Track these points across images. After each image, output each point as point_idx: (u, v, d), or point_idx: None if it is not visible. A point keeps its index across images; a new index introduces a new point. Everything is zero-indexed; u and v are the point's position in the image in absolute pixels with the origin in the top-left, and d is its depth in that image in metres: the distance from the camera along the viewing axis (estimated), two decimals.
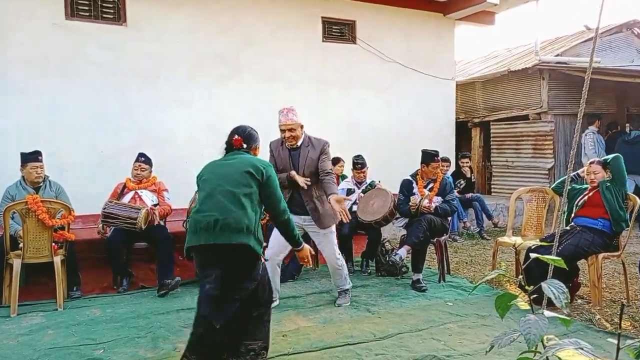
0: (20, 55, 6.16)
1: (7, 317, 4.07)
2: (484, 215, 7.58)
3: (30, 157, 4.66)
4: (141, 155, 5.19)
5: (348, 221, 4.00)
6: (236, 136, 3.05)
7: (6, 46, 6.11)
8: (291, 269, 5.19)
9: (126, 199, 4.97)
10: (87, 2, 6.47)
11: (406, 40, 8.56)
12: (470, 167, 8.12)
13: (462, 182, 7.77)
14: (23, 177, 4.68)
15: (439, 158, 5.15)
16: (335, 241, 4.25)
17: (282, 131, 4.09)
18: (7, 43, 6.11)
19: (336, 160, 6.79)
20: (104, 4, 6.56)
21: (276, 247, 4.07)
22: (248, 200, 2.77)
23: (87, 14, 6.49)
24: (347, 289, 4.42)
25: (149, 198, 5.04)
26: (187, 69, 7.05)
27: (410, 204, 4.98)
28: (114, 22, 6.63)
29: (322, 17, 7.91)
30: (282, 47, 7.63)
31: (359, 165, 5.75)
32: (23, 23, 6.18)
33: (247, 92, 7.43)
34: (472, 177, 8.15)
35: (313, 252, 4.03)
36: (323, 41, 7.95)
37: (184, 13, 6.99)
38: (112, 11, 6.62)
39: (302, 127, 4.13)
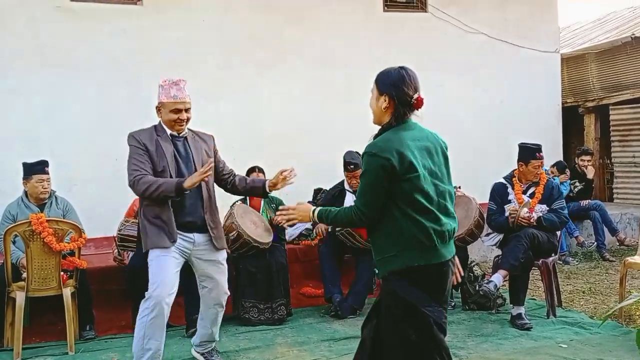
0: (17, 47, 6.52)
1: None
2: (605, 229, 7.28)
3: (36, 168, 4.86)
4: None
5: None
6: (417, 94, 2.67)
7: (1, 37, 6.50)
8: (352, 302, 5.17)
9: None
10: None
11: (494, 4, 8.42)
12: (592, 166, 7.81)
13: (578, 184, 7.50)
14: (25, 192, 4.90)
15: (541, 154, 5.01)
16: None
17: (175, 111, 3.66)
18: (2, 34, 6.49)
19: None
20: None
21: (170, 281, 3.62)
22: None
23: None
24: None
25: None
26: (216, 57, 7.23)
27: (509, 208, 4.86)
28: (127, 1, 6.90)
29: None
30: (334, 22, 7.70)
31: None
32: (19, 9, 6.54)
33: (292, 81, 7.52)
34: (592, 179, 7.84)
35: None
36: (384, 10, 7.95)
37: None
38: None
39: None
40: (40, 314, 4.91)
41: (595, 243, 7.26)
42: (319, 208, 2.82)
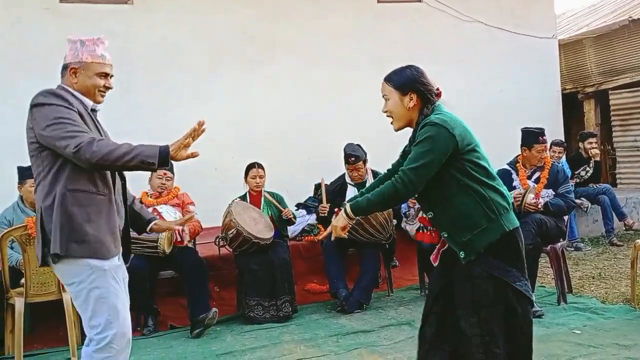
0: (2, 50, 6.48)
1: None
2: (613, 214, 7.25)
3: (29, 172, 4.79)
4: None
5: None
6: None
7: None
8: (357, 296, 5.11)
9: None
10: None
11: None
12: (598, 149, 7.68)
13: (589, 168, 7.36)
14: (21, 197, 4.84)
15: (544, 137, 4.96)
16: None
17: (102, 75, 2.84)
18: None
19: None
20: None
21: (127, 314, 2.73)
22: None
23: None
24: None
25: (171, 215, 5.06)
26: (207, 55, 7.19)
27: (514, 194, 4.79)
28: (117, 1, 6.83)
29: None
30: (327, 16, 7.65)
31: None
32: (5, 11, 6.50)
33: (284, 78, 7.46)
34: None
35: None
36: (378, 2, 7.90)
37: None
38: None
39: None
40: (41, 320, 4.83)
41: (607, 231, 7.24)
42: (347, 204, 2.61)
